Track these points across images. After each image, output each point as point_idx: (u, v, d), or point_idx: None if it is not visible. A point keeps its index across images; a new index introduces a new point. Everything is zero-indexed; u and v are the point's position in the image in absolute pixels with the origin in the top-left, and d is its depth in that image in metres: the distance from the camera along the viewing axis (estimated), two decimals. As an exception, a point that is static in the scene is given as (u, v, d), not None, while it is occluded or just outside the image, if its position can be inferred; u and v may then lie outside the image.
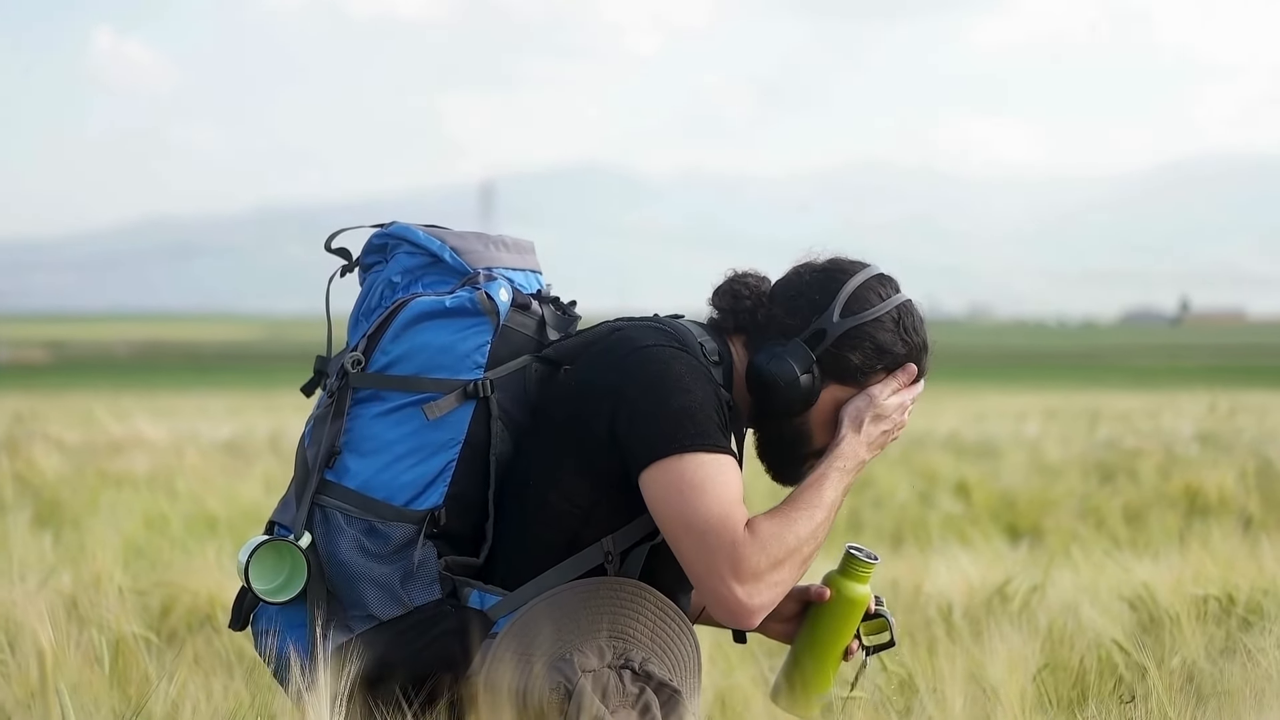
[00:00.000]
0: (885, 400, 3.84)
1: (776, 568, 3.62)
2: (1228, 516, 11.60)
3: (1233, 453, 15.15)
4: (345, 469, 3.77)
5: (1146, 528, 11.15)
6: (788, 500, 3.72)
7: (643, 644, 3.73)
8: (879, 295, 3.86)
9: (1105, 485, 13.49)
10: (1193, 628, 5.67)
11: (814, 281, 3.88)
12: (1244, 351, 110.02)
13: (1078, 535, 10.75)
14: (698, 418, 3.64)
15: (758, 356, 3.84)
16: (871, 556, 3.96)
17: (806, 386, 3.81)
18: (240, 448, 16.69)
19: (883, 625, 4.05)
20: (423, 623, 3.71)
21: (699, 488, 3.59)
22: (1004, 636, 4.94)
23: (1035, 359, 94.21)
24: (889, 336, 3.84)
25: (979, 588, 6.64)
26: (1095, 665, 5.60)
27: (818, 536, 3.70)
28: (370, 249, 3.94)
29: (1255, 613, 6.08)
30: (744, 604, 3.60)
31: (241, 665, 5.79)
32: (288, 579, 3.74)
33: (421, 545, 3.73)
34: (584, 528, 3.75)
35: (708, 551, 3.58)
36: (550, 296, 3.99)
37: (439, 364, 3.77)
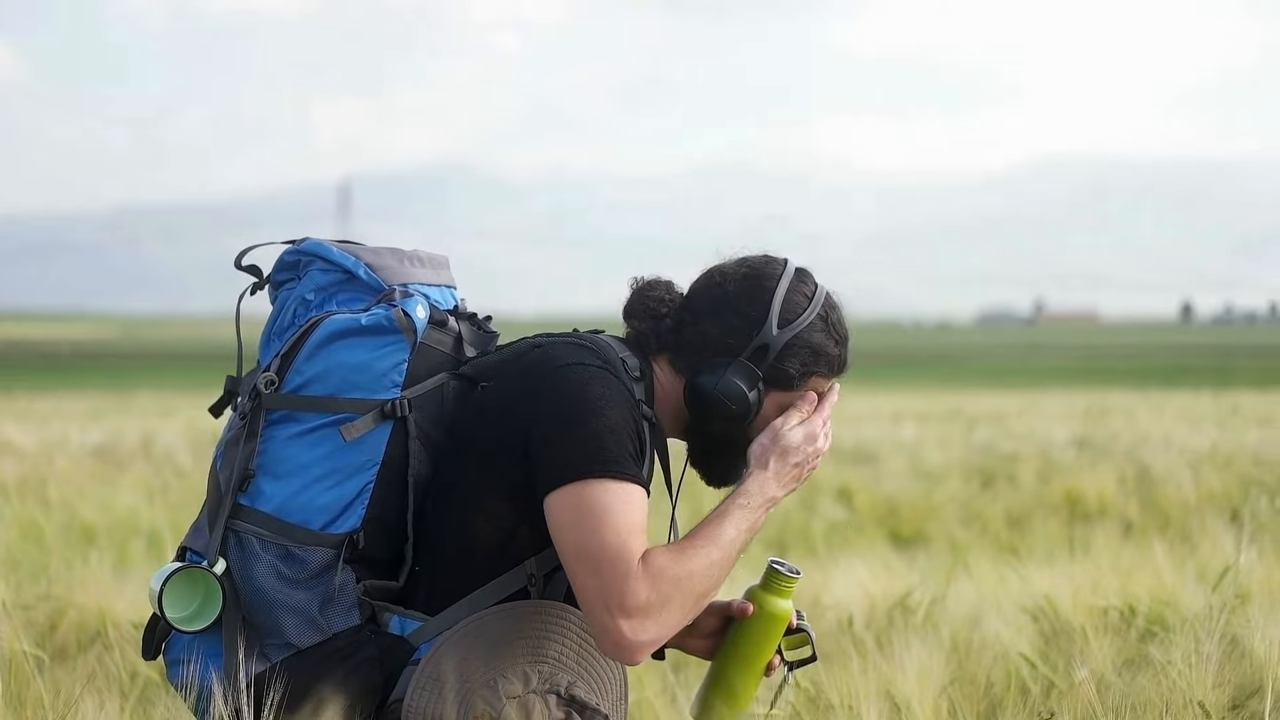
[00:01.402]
0: (789, 433, 3.78)
1: (665, 604, 3.53)
2: (1109, 522, 11.70)
3: (1109, 457, 15.29)
4: (260, 492, 3.69)
5: (1030, 534, 11.21)
6: (687, 536, 3.65)
7: (568, 668, 3.67)
8: (806, 296, 3.82)
9: (986, 491, 13.57)
10: (1097, 640, 5.68)
11: (740, 292, 3.81)
12: (1097, 352, 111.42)
13: (963, 542, 10.80)
14: (608, 443, 3.56)
15: (702, 378, 3.77)
16: (794, 570, 3.92)
17: (754, 401, 3.77)
18: (111, 453, 16.46)
19: (804, 640, 4.01)
20: (342, 650, 3.64)
21: (598, 516, 3.52)
22: (910, 650, 4.94)
23: (893, 359, 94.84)
24: (821, 338, 3.81)
25: (879, 599, 6.63)
26: (1003, 679, 5.61)
27: (712, 574, 3.61)
28: (282, 266, 3.86)
29: (1157, 623, 6.10)
30: (628, 639, 3.51)
31: (135, 685, 5.68)
32: (201, 607, 3.65)
33: (340, 570, 3.65)
34: (506, 550, 3.68)
35: (598, 582, 3.50)
36: (467, 312, 3.92)
37: (355, 383, 3.69)
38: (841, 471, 14.47)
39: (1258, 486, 12.24)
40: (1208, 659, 4.76)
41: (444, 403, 3.78)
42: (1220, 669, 4.82)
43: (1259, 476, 13.18)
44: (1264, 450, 15.64)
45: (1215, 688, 4.75)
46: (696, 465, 3.92)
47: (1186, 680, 4.74)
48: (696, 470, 3.93)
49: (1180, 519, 11.72)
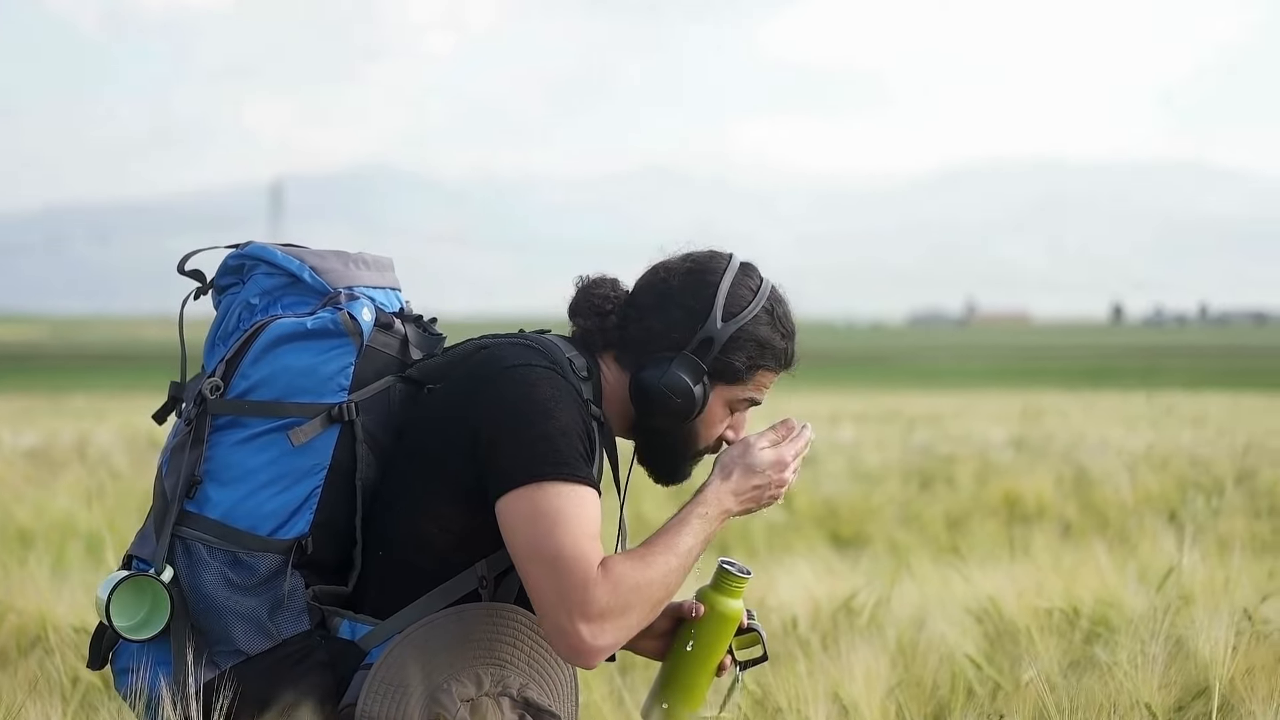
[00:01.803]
0: (759, 452, 3.76)
1: (625, 611, 3.53)
2: (1047, 523, 11.74)
3: (1046, 458, 15.34)
4: (206, 499, 3.66)
5: (970, 535, 11.24)
6: (645, 543, 3.64)
7: (520, 670, 3.66)
8: (751, 290, 3.80)
9: (925, 492, 13.60)
10: (1042, 641, 5.69)
11: (684, 286, 3.80)
12: (1029, 353, 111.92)
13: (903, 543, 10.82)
14: (559, 445, 3.55)
15: (646, 373, 3.76)
16: (744, 571, 3.92)
17: (699, 396, 3.75)
18: (45, 456, 16.33)
19: (755, 640, 4.02)
20: (292, 655, 3.62)
21: (553, 519, 3.51)
22: (856, 652, 4.93)
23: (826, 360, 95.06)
24: (767, 331, 3.79)
25: (823, 601, 6.62)
26: (949, 680, 5.61)
27: (669, 582, 3.60)
28: (225, 270, 3.83)
29: (1101, 625, 6.12)
30: (587, 643, 3.50)
31: (77, 690, 5.63)
32: (149, 615, 3.62)
33: (289, 576, 3.63)
34: (456, 553, 3.67)
35: (556, 586, 3.49)
36: (412, 315, 3.90)
37: (302, 387, 3.67)
38: (780, 473, 14.37)
39: (1194, 487, 12.30)
40: (1153, 660, 4.77)
41: (390, 406, 3.76)
42: (1166, 670, 4.83)
43: (1195, 477, 13.24)
44: (1199, 451, 15.73)
45: (1161, 689, 4.76)
46: (644, 463, 3.91)
47: (1133, 681, 4.75)
48: (645, 468, 3.92)
49: (1118, 520, 11.76)
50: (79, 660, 5.66)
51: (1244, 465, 13.60)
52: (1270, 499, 12.15)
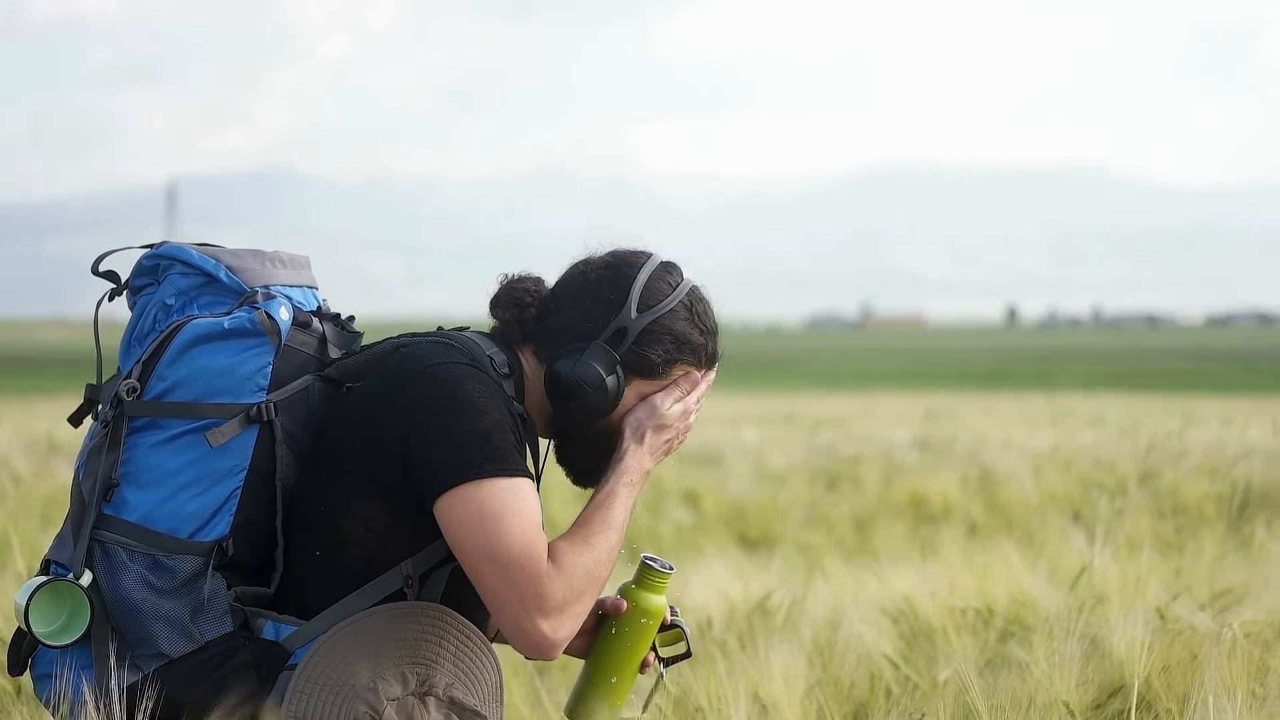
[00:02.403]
0: (667, 410, 3.80)
1: (579, 597, 3.57)
2: (953, 523, 11.80)
3: (950, 459, 15.42)
4: (124, 502, 3.63)
5: (877, 536, 11.28)
6: (581, 524, 3.66)
7: (446, 669, 3.65)
8: (669, 285, 3.81)
9: (831, 493, 13.64)
10: (958, 640, 5.70)
11: (602, 279, 3.80)
12: (925, 355, 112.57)
13: (810, 544, 10.84)
14: (494, 440, 3.55)
15: (559, 363, 3.75)
16: (667, 566, 3.92)
17: (613, 388, 3.74)
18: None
19: (678, 636, 4.01)
20: (215, 658, 3.60)
21: (498, 517, 3.51)
22: (774, 652, 4.93)
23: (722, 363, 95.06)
24: (685, 326, 3.79)
25: (738, 602, 6.62)
26: (866, 680, 5.62)
27: (612, 558, 3.65)
28: (140, 271, 3.79)
29: (1015, 624, 6.14)
30: (549, 638, 3.54)
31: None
32: (69, 620, 3.59)
33: (210, 577, 3.61)
34: (381, 552, 3.65)
35: (510, 586, 3.50)
36: (330, 313, 3.88)
37: (220, 388, 3.64)
38: (687, 474, 14.46)
39: (1098, 488, 12.39)
40: (1069, 659, 4.79)
41: (309, 405, 3.74)
42: (1083, 668, 4.85)
43: (1098, 478, 13.34)
44: (1101, 452, 15.85)
45: (1079, 687, 4.79)
46: (563, 463, 3.90)
47: (1050, 680, 4.77)
48: (563, 468, 3.91)
49: (1024, 520, 11.85)
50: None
51: (1146, 466, 13.70)
52: (1173, 499, 12.26)
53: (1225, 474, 13.10)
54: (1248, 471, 12.94)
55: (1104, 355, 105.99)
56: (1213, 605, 6.34)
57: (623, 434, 3.79)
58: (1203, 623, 5.81)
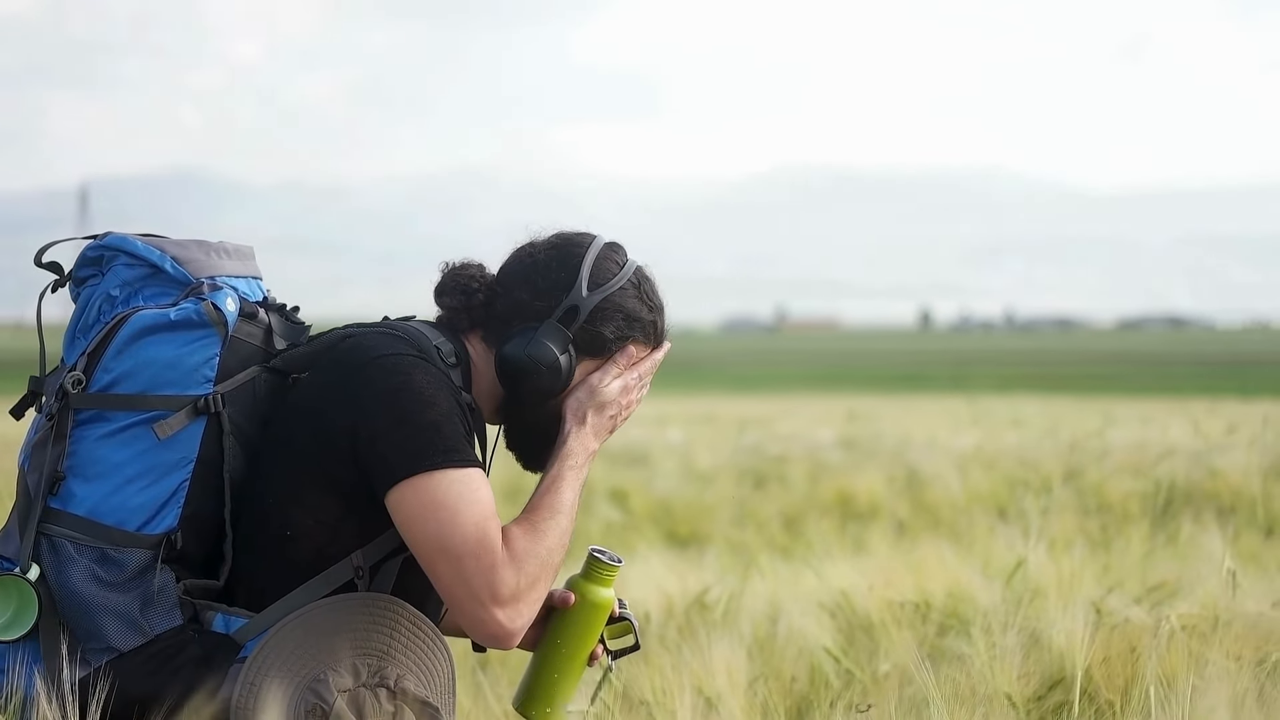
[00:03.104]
0: (606, 388, 3.80)
1: (534, 584, 3.57)
2: (881, 522, 11.85)
3: (875, 458, 15.48)
4: (71, 495, 3.60)
5: (805, 533, 11.30)
6: (531, 510, 3.66)
7: (397, 661, 3.63)
8: (616, 264, 3.82)
9: (758, 491, 13.66)
10: (897, 634, 5.73)
11: (550, 260, 3.80)
12: (839, 358, 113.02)
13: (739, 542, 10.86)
14: (444, 431, 3.54)
15: (510, 345, 3.74)
16: (615, 559, 3.91)
17: (565, 367, 3.75)
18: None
19: (626, 629, 4.01)
20: (165, 651, 3.58)
21: (451, 508, 3.50)
22: (714, 647, 4.94)
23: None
24: (635, 303, 3.80)
25: (676, 597, 6.63)
26: (807, 673, 5.64)
27: (564, 543, 3.65)
28: (84, 262, 3.76)
29: (952, 618, 6.17)
30: (505, 627, 3.54)
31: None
32: (15, 615, 3.56)
33: (159, 571, 3.59)
34: (331, 544, 3.63)
35: (465, 576, 3.50)
36: (276, 304, 3.86)
37: (166, 380, 3.61)
38: (614, 473, 14.46)
39: (1023, 486, 12.47)
40: (1008, 651, 4.82)
41: (256, 396, 3.72)
42: (1023, 661, 4.89)
43: (1023, 476, 13.42)
44: (1025, 451, 15.95)
45: (1020, 679, 4.82)
46: (512, 447, 3.89)
47: (991, 672, 4.80)
48: (513, 453, 3.90)
49: (950, 518, 11.91)
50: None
51: (1070, 464, 13.80)
52: (1098, 497, 12.35)
53: (1148, 472, 13.22)
54: (1170, 470, 13.06)
55: (1017, 358, 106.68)
56: (1147, 599, 6.39)
57: (564, 417, 3.79)
58: (1138, 616, 5.86)
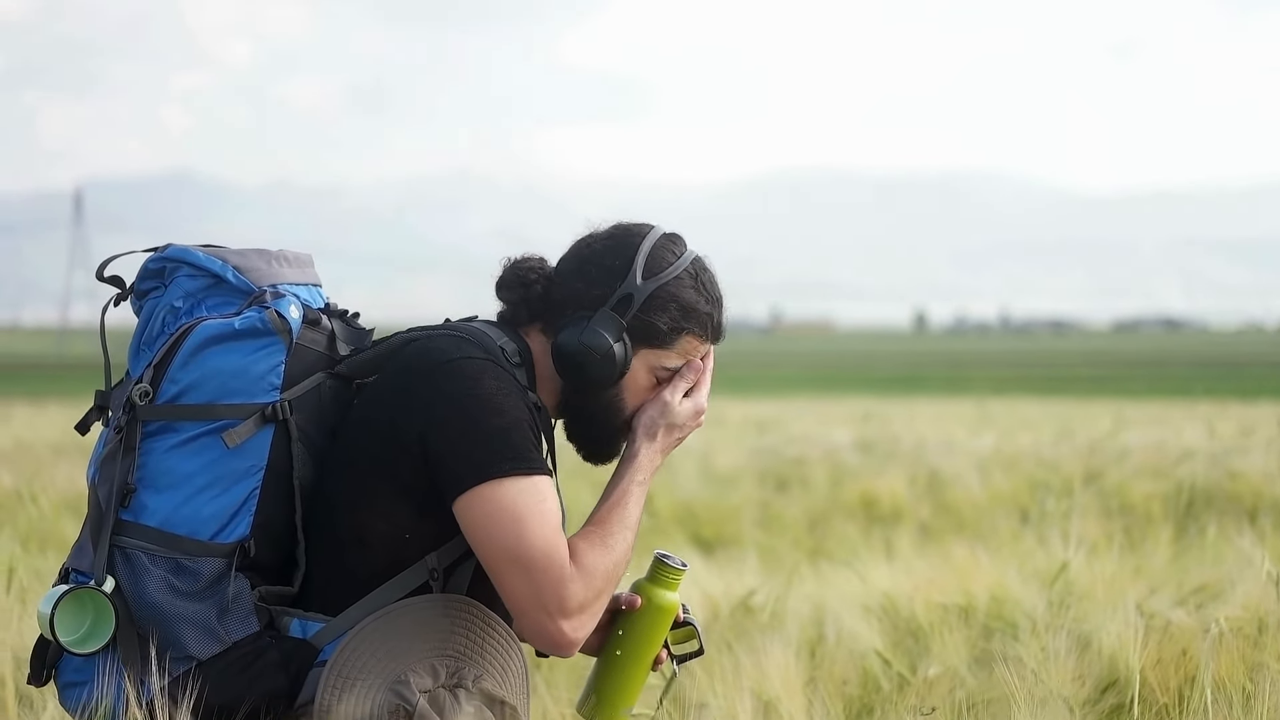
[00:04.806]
0: (680, 408, 3.79)
1: (598, 597, 3.59)
2: (905, 524, 11.84)
3: (895, 461, 15.46)
4: (142, 506, 3.61)
5: (831, 536, 11.31)
6: (599, 522, 3.67)
7: (474, 661, 3.65)
8: (673, 253, 3.79)
9: (781, 494, 13.64)
10: (947, 637, 5.72)
11: (606, 249, 3.79)
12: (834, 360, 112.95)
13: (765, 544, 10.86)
14: (513, 438, 3.55)
15: (565, 334, 3.73)
16: (681, 563, 3.90)
17: (620, 355, 3.73)
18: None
19: (691, 634, 4.00)
20: (244, 657, 3.59)
21: (520, 518, 3.51)
22: (767, 650, 4.95)
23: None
24: (691, 294, 3.77)
25: (720, 600, 6.63)
26: (858, 676, 5.64)
27: (628, 557, 3.67)
28: (146, 274, 3.77)
29: (997, 620, 6.17)
30: (569, 637, 3.56)
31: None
32: (93, 627, 3.58)
33: (234, 578, 3.60)
34: (405, 546, 3.64)
35: (533, 587, 3.51)
36: (338, 310, 3.87)
37: (233, 389, 3.63)
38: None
39: (1044, 488, 12.47)
40: (1059, 654, 4.82)
41: (321, 403, 3.74)
42: (1078, 663, 4.89)
43: (1044, 478, 13.42)
44: (1044, 453, 15.94)
45: (1073, 681, 4.82)
46: (573, 439, 3.88)
47: (1047, 674, 4.80)
48: (573, 444, 3.89)
49: (973, 520, 11.91)
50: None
51: (1090, 466, 13.80)
52: (1120, 499, 12.36)
53: (1169, 474, 13.22)
54: (1190, 472, 13.05)
55: (1013, 360, 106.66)
56: (1189, 601, 6.40)
57: (635, 431, 3.79)
58: (1181, 619, 5.86)
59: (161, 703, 3.52)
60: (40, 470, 13.72)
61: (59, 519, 10.74)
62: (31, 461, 15.29)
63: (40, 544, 9.83)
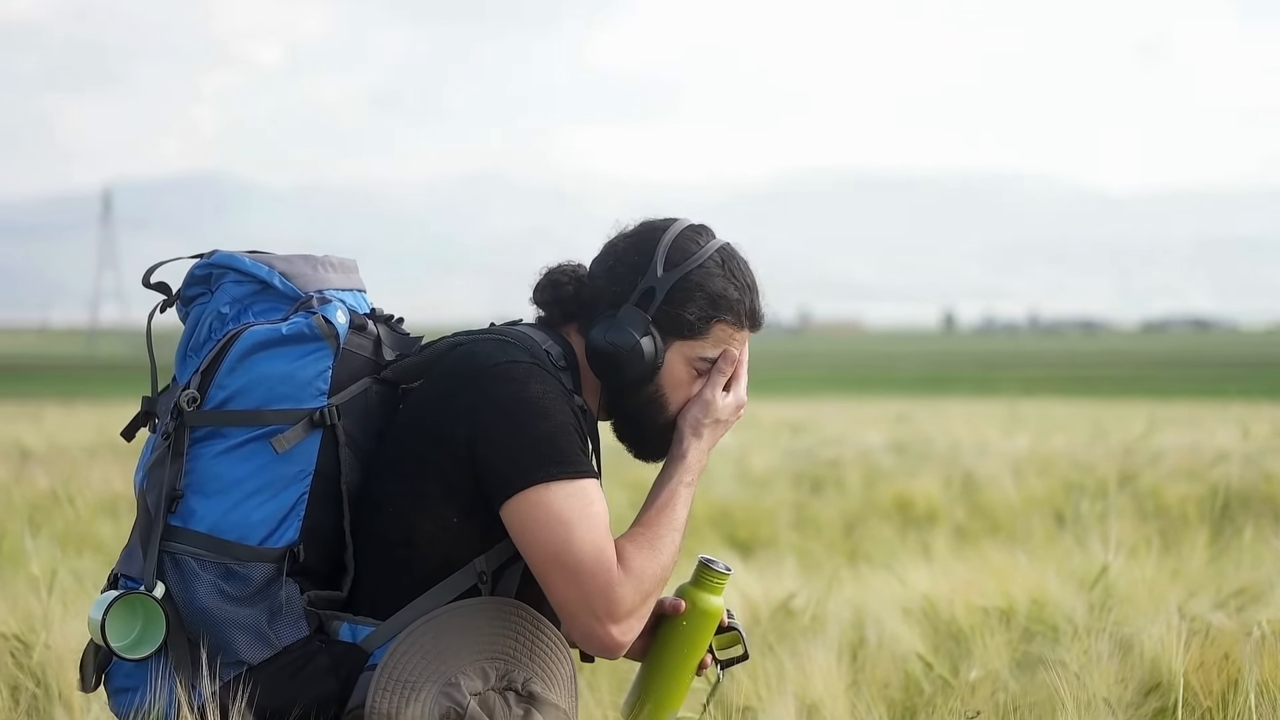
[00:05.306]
0: (722, 404, 3.80)
1: (646, 600, 3.60)
2: (940, 526, 11.82)
3: (929, 462, 15.43)
4: (191, 512, 3.63)
5: (867, 538, 11.29)
6: (646, 524, 3.68)
7: (523, 664, 3.66)
8: (697, 244, 3.79)
9: (816, 496, 13.62)
10: (988, 640, 5.72)
11: (630, 245, 3.80)
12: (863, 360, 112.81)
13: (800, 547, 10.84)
14: (559, 443, 3.56)
15: (593, 333, 3.75)
16: (726, 568, 3.91)
17: (650, 350, 3.73)
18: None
19: (735, 638, 4.00)
20: (295, 662, 3.61)
21: (568, 523, 3.53)
22: (810, 653, 4.95)
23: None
24: (719, 282, 3.77)
25: (760, 603, 6.62)
26: (901, 679, 5.64)
27: (675, 558, 3.67)
28: (192, 280, 3.79)
29: (1037, 623, 6.16)
30: (617, 640, 3.58)
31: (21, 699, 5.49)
32: (143, 633, 3.59)
33: (284, 583, 3.62)
34: (453, 550, 3.66)
35: (582, 591, 3.53)
36: (383, 315, 3.88)
37: (281, 394, 3.65)
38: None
39: (1078, 490, 12.44)
40: (1101, 657, 4.82)
41: (368, 408, 3.75)
42: (1120, 667, 4.88)
43: (1078, 480, 13.37)
44: (1078, 454, 15.90)
45: (1117, 684, 4.81)
46: (622, 439, 3.88)
47: (1090, 677, 4.79)
48: (623, 444, 3.89)
49: (1008, 522, 11.88)
50: (17, 669, 5.53)
51: (1124, 468, 13.76)
52: (1155, 501, 12.33)
53: (1203, 476, 13.17)
54: (1225, 474, 13.00)
55: (1041, 361, 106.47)
56: (1228, 604, 6.39)
57: (680, 432, 3.79)
58: (1221, 622, 5.85)
59: (213, 707, 3.54)
60: (76, 472, 13.74)
61: (96, 521, 10.77)
62: (66, 463, 15.30)
63: (78, 546, 9.86)
